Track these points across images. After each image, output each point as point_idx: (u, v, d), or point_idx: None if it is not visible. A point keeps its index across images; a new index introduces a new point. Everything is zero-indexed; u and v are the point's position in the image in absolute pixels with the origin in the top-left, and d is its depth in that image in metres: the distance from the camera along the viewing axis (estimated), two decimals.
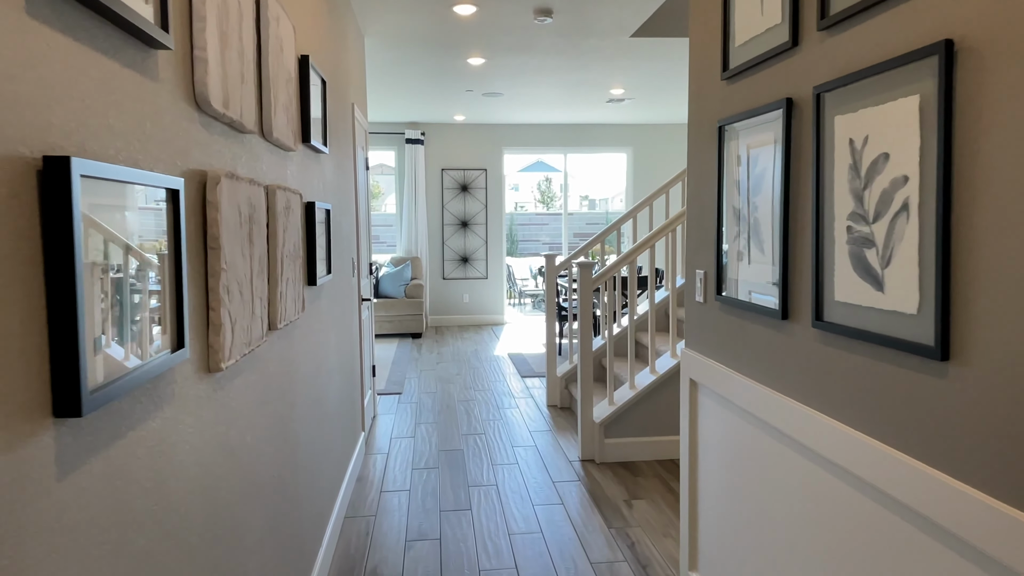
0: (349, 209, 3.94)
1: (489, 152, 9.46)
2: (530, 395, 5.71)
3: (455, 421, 4.97)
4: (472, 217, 9.51)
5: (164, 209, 1.17)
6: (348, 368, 3.75)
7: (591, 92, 7.16)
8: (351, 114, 4.11)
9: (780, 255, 1.88)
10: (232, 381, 1.61)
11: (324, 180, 3.01)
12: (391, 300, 8.54)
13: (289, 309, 2.12)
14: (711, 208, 2.38)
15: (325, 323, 2.97)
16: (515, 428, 4.78)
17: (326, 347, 3.00)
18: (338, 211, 3.42)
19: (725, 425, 2.28)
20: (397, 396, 5.73)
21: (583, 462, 4.09)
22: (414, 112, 8.43)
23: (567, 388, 5.30)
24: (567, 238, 9.96)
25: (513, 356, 7.32)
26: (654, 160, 9.61)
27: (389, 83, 6.63)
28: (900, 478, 1.41)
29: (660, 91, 7.13)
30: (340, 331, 3.46)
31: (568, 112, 8.46)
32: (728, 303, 2.21)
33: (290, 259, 2.14)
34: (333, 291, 3.21)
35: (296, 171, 2.39)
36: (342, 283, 3.55)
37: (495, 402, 5.49)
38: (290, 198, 2.15)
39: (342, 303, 3.55)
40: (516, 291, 12.62)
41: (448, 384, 6.12)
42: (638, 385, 4.10)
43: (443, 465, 4.07)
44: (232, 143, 1.65)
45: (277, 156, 2.12)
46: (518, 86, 6.80)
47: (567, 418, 5.01)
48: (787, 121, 1.85)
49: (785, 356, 1.89)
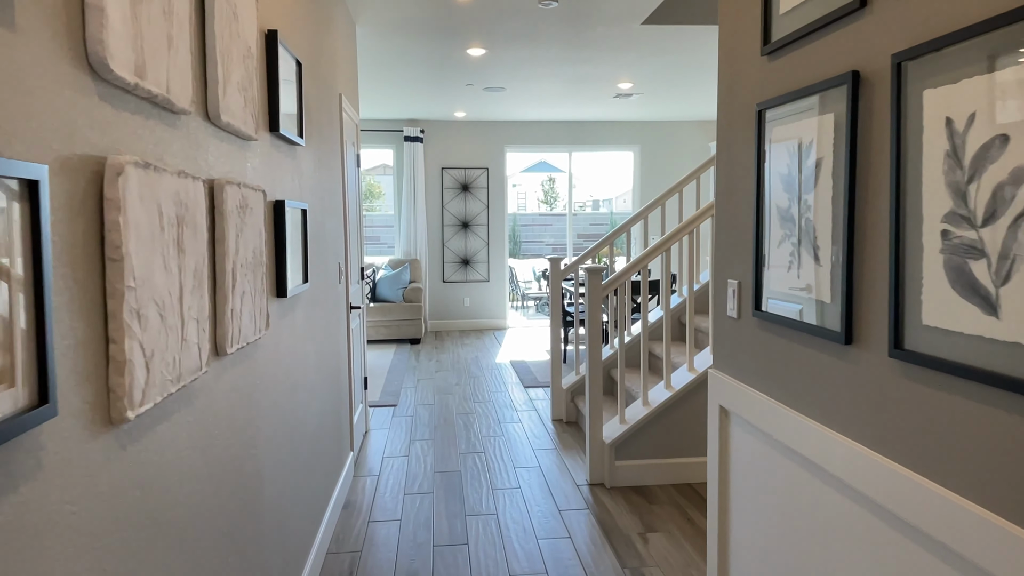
0: (335, 209, 3.59)
1: (491, 150, 9.11)
2: (533, 408, 5.36)
3: (453, 438, 4.62)
4: (473, 218, 9.16)
5: (8, 208, 0.82)
6: (334, 384, 3.40)
7: (597, 86, 6.81)
8: (338, 106, 3.77)
9: (843, 266, 1.53)
10: (152, 430, 1.26)
11: (301, 176, 2.67)
12: (388, 304, 8.20)
13: (246, 328, 1.77)
14: (747, 208, 2.03)
15: (301, 338, 2.62)
16: (517, 446, 4.42)
17: (303, 365, 2.65)
18: (319, 211, 3.07)
19: (766, 464, 1.93)
20: (392, 409, 5.38)
21: (592, 486, 3.73)
22: (413, 109, 8.09)
23: (573, 401, 4.95)
24: (571, 239, 9.60)
25: (516, 364, 6.97)
26: (662, 158, 9.25)
27: (385, 76, 6.29)
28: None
29: (671, 85, 6.78)
30: (323, 345, 3.11)
31: (573, 108, 8.11)
32: (770, 321, 1.86)
33: (247, 269, 1.79)
34: (313, 301, 2.86)
35: (260, 164, 2.04)
36: (325, 291, 3.20)
37: (496, 416, 5.14)
38: (248, 196, 1.80)
39: (326, 313, 3.20)
40: (519, 294, 12.27)
41: (446, 395, 5.77)
42: (652, 402, 3.74)
43: (438, 489, 3.72)
44: (156, 125, 1.31)
45: (231, 145, 1.77)
46: (521, 80, 6.45)
47: (573, 434, 4.65)
48: (852, 99, 1.49)
49: (850, 390, 1.54)
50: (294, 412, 2.47)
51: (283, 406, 2.30)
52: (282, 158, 2.34)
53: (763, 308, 1.92)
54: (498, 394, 5.78)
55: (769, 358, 1.90)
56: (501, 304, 9.32)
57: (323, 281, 3.13)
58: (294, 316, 2.49)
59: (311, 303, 2.82)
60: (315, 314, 2.91)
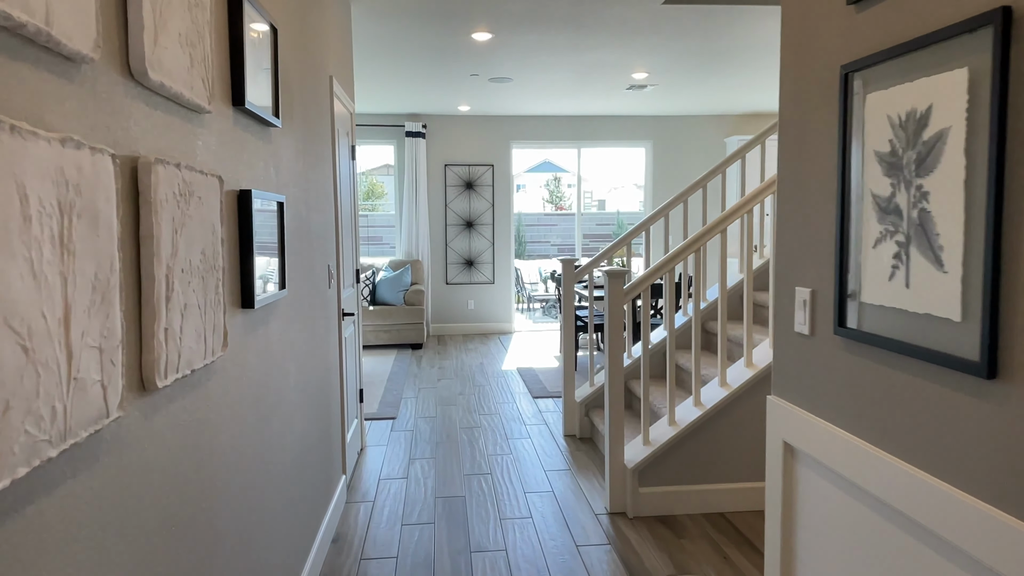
0: (325, 205, 3.20)
1: (496, 146, 8.71)
2: (543, 421, 4.95)
3: (456, 456, 4.22)
4: (478, 217, 8.76)
5: None
6: (322, 404, 3.01)
7: (610, 76, 6.40)
8: (329, 89, 3.37)
9: (986, 272, 1.13)
10: (23, 511, 0.87)
11: (278, 164, 2.27)
12: (389, 307, 7.80)
13: (189, 351, 1.37)
14: (825, 197, 1.62)
15: (278, 355, 2.23)
16: (527, 466, 4.02)
17: (280, 387, 2.25)
18: (303, 206, 2.67)
19: (853, 521, 1.52)
20: (390, 422, 4.98)
21: (612, 516, 3.33)
22: (414, 102, 7.70)
23: (587, 416, 4.54)
24: (580, 240, 9.19)
25: (523, 371, 6.57)
26: (676, 155, 8.84)
27: (385, 66, 5.89)
28: None
29: (689, 74, 6.37)
30: (309, 359, 2.72)
31: (583, 101, 7.71)
32: (861, 341, 1.45)
33: (193, 275, 1.40)
34: (294, 310, 2.47)
35: (217, 144, 1.65)
36: (311, 297, 2.81)
37: (503, 430, 4.74)
38: (195, 181, 1.41)
39: (312, 323, 2.81)
40: (525, 295, 11.87)
41: (450, 406, 5.37)
42: (680, 421, 3.34)
43: (440, 519, 3.32)
44: (29, 71, 0.91)
45: (169, 115, 1.37)
46: (529, 69, 6.05)
47: (589, 453, 4.25)
48: (1002, 45, 1.09)
49: (993, 440, 1.13)
50: (267, 445, 2.07)
51: (250, 441, 1.90)
52: (250, 140, 1.95)
53: (849, 324, 1.51)
54: (505, 405, 5.38)
55: (859, 389, 1.50)
56: (507, 307, 8.92)
57: (308, 286, 2.74)
58: (267, 330, 2.09)
59: (291, 313, 2.42)
60: (297, 325, 2.52)
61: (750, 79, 6.55)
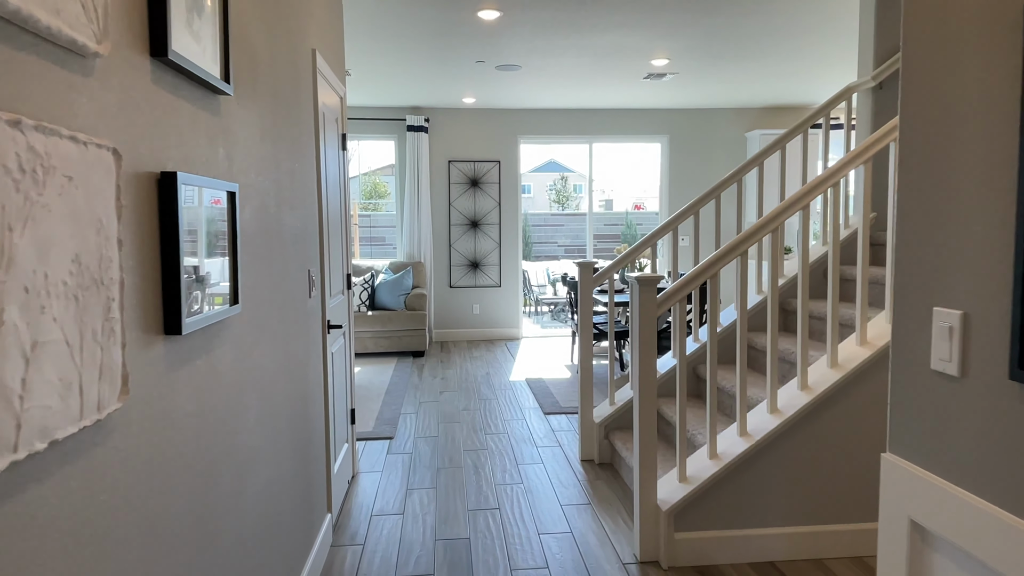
0: (304, 201, 2.71)
1: (503, 142, 8.22)
2: (557, 442, 4.46)
3: (460, 486, 3.73)
4: (483, 216, 8.27)
5: None
6: (299, 435, 2.52)
7: (627, 63, 5.90)
8: (311, 64, 2.89)
9: None
10: None
11: (230, 144, 1.78)
12: (389, 313, 7.31)
13: (46, 414, 0.88)
14: (990, 181, 1.12)
15: (228, 389, 1.74)
16: (541, 500, 3.53)
17: (234, 428, 1.76)
18: (272, 201, 2.18)
19: None
20: (387, 443, 4.49)
21: (643, 565, 2.83)
22: (416, 94, 7.21)
23: (607, 438, 4.05)
24: (591, 240, 8.69)
25: (533, 383, 6.07)
26: (694, 150, 8.34)
27: (383, 51, 5.41)
28: None
29: (713, 61, 5.86)
30: (279, 385, 2.23)
31: (596, 92, 7.21)
32: None
33: (52, 295, 0.91)
34: (255, 328, 1.98)
35: (116, 105, 1.16)
36: (283, 310, 2.32)
37: (513, 453, 4.24)
38: (58, 152, 0.92)
39: (285, 341, 2.32)
40: (532, 298, 11.38)
41: (453, 424, 4.88)
42: (723, 454, 2.84)
43: (440, 568, 2.83)
44: None
45: (19, 51, 0.88)
46: (539, 55, 5.55)
47: (610, 482, 3.75)
48: None
49: None
50: (212, 511, 1.58)
51: (181, 515, 1.41)
52: (184, 108, 1.46)
53: None
54: (514, 423, 4.89)
55: None
56: (514, 312, 8.43)
57: (278, 297, 2.25)
58: (211, 359, 1.60)
59: (251, 332, 1.93)
60: (261, 347, 2.03)
61: (779, 67, 6.04)
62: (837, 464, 2.87)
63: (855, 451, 2.87)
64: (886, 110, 4.00)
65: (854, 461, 2.88)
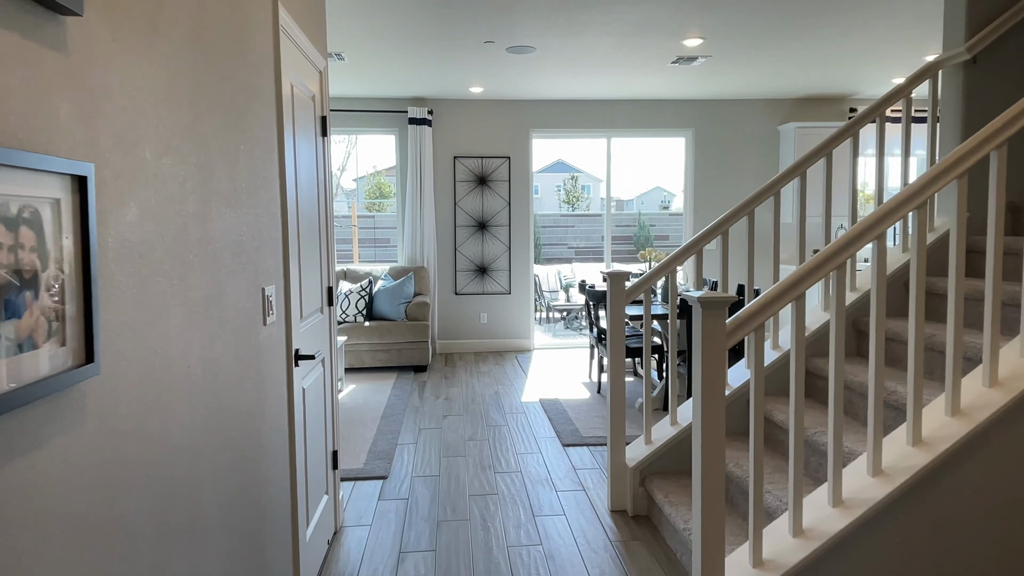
0: (257, 197, 2.04)
1: (513, 136, 7.54)
2: (580, 484, 3.77)
3: (465, 548, 3.04)
4: (492, 217, 7.59)
5: None
6: (245, 516, 1.84)
7: (657, 43, 5.21)
8: (270, 13, 2.21)
9: None
10: None
11: (85, 97, 1.10)
12: (388, 323, 6.64)
13: None
14: None
15: (72, 504, 1.06)
16: (565, 570, 2.84)
17: (102, 559, 1.09)
18: (192, 195, 1.51)
19: None
20: (380, 484, 3.81)
21: None
22: (418, 83, 6.54)
23: (643, 484, 3.36)
24: (610, 242, 7.99)
25: (548, 405, 5.38)
26: (722, 145, 7.63)
27: (380, 31, 4.73)
28: None
29: (752, 41, 5.16)
30: (206, 460, 1.56)
31: (616, 81, 6.52)
32: None
33: None
34: (147, 392, 1.30)
35: None
36: (215, 350, 1.65)
37: (528, 500, 3.56)
38: None
39: (215, 394, 1.65)
40: (544, 304, 10.70)
41: (457, 458, 4.20)
42: (814, 531, 2.15)
43: None
44: None
45: None
46: (555, 33, 4.87)
47: (649, 543, 3.06)
48: None
49: None
50: None
51: None
52: None
53: None
54: (528, 458, 4.20)
55: None
56: (525, 321, 7.74)
57: (196, 336, 1.57)
58: (31, 465, 0.93)
59: (133, 400, 1.26)
60: (156, 418, 1.35)
61: (824, 49, 5.34)
62: (972, 552, 2.18)
63: (998, 536, 2.18)
64: (982, 88, 3.31)
65: (998, 550, 2.18)
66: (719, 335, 2.08)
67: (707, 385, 2.07)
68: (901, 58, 5.72)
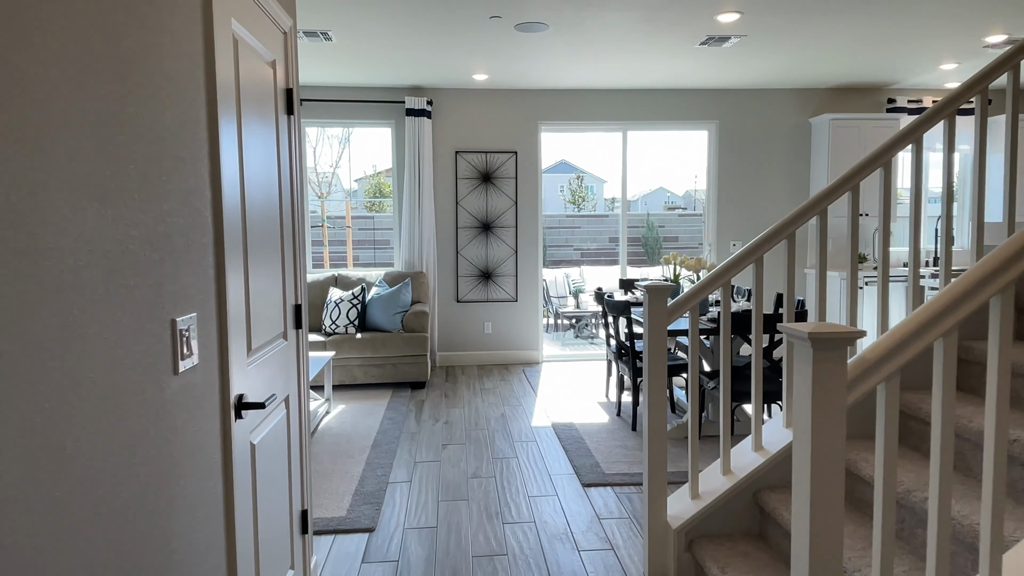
0: (176, 187, 1.39)
1: (520, 128, 6.89)
2: (608, 541, 3.11)
3: None
4: (497, 217, 6.94)
5: None
6: None
7: (687, 17, 4.55)
8: None
9: None
10: None
11: None
12: (382, 335, 5.98)
13: None
14: None
15: None
16: None
17: None
18: (12, 181, 0.86)
19: None
20: (365, 538, 3.16)
21: None
22: (416, 71, 5.89)
23: (690, 549, 2.70)
24: (625, 245, 7.34)
25: (562, 431, 4.72)
26: (749, 139, 6.98)
27: (373, 4, 4.08)
28: None
29: (795, 16, 4.50)
30: None
31: (635, 67, 5.86)
32: None
33: None
34: None
35: None
36: (52, 434, 1.00)
37: (544, 565, 2.90)
38: None
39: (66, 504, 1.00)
40: (552, 310, 10.04)
41: (458, 502, 3.54)
42: None
43: None
44: None
45: None
46: (572, 6, 4.22)
47: None
48: None
49: None
50: None
51: None
52: None
53: None
54: (543, 503, 3.55)
55: None
56: (533, 331, 7.09)
57: (17, 415, 0.92)
58: None
59: None
60: None
61: (869, 29, 4.68)
62: None
63: None
64: None
65: None
66: (837, 389, 1.42)
67: (819, 470, 1.41)
68: (953, 39, 5.06)
